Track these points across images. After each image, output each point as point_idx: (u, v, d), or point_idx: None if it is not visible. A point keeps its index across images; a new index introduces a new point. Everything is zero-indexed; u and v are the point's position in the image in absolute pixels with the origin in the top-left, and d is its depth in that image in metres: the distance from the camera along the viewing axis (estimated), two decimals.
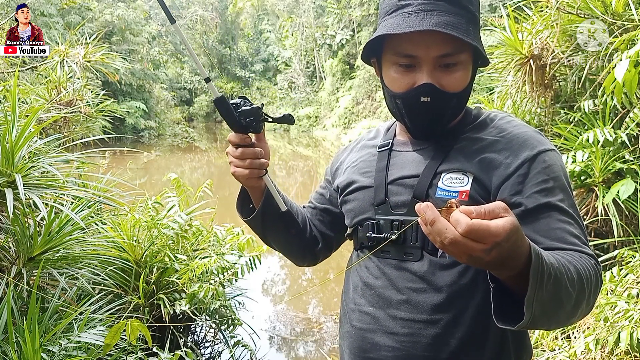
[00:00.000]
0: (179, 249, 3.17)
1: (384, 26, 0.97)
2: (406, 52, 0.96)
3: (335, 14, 29.08)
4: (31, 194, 1.92)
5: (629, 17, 2.91)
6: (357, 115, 25.52)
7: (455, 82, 0.97)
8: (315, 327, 4.42)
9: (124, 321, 1.88)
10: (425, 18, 0.91)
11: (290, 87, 33.41)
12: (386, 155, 1.11)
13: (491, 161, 0.96)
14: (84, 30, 13.59)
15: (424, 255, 0.99)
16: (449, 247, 0.68)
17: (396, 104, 1.02)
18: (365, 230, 1.07)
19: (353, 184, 1.13)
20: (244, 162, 1.06)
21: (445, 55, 0.94)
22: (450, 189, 0.97)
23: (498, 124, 1.03)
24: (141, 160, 15.72)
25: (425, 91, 0.96)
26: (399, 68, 0.98)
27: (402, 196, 1.03)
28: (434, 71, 0.95)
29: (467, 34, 0.92)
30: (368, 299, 1.05)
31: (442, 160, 1.01)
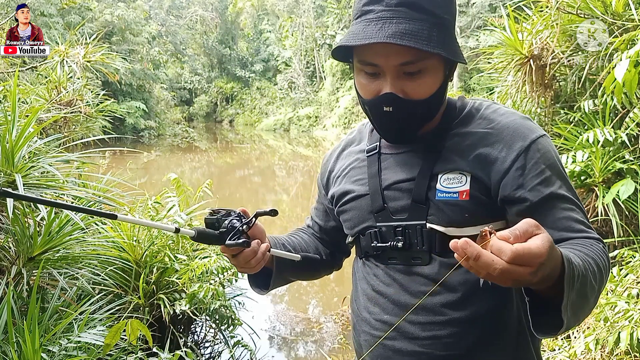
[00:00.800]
0: (179, 249, 3.17)
1: (349, 32, 0.96)
2: (369, 60, 0.95)
3: (335, 14, 29.08)
4: (31, 194, 1.92)
5: (629, 17, 2.91)
6: (357, 115, 25.52)
7: (420, 89, 0.94)
8: (315, 327, 4.42)
9: (124, 321, 1.88)
10: (383, 27, 0.89)
11: (290, 87, 33.41)
12: (376, 160, 1.08)
13: (486, 156, 0.95)
14: (84, 30, 13.60)
15: (433, 257, 0.98)
16: (498, 277, 0.68)
17: (365, 109, 1.02)
18: (368, 240, 1.06)
19: (348, 194, 1.11)
20: (248, 264, 1.03)
21: (406, 63, 0.92)
22: (450, 190, 0.96)
23: (485, 114, 1.01)
24: (141, 160, 15.72)
25: (387, 100, 0.94)
26: (365, 75, 0.98)
27: (401, 201, 1.01)
28: (397, 79, 0.93)
29: (428, 41, 0.89)
30: (382, 306, 1.04)
31: (435, 161, 0.99)
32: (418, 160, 1.01)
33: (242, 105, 37.35)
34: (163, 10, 34.58)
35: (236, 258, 1.02)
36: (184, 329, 3.33)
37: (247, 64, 38.23)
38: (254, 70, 37.70)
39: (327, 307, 5.01)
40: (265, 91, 36.53)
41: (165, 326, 2.94)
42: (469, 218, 0.95)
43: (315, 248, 1.26)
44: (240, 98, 37.43)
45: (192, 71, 37.59)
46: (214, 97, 38.21)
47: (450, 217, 0.95)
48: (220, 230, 0.99)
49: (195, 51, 37.72)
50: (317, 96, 31.18)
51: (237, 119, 36.76)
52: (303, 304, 5.25)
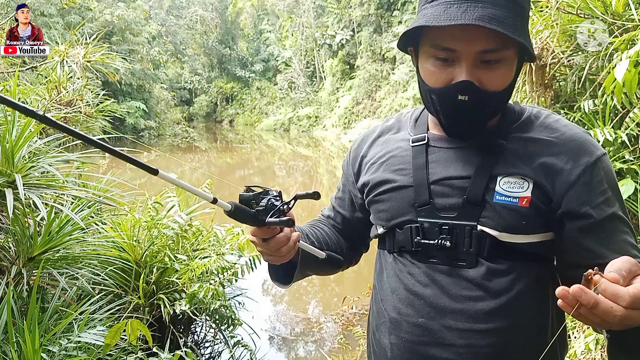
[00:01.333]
0: (179, 249, 3.17)
1: (422, 15, 0.89)
2: (445, 45, 0.88)
3: (335, 14, 29.08)
4: (31, 194, 1.92)
5: (629, 17, 2.91)
6: (357, 115, 25.51)
7: (496, 81, 0.90)
8: (315, 327, 4.42)
9: (124, 321, 1.88)
10: (468, 10, 0.83)
11: (290, 87, 33.40)
12: (423, 151, 1.01)
13: (551, 166, 0.90)
14: (84, 30, 13.58)
15: (480, 261, 0.93)
16: (615, 324, 0.65)
17: (431, 99, 0.94)
18: (406, 234, 0.99)
19: (387, 183, 1.03)
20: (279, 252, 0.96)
21: (488, 51, 0.87)
22: (510, 194, 0.91)
23: (547, 123, 0.96)
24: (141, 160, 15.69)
25: (463, 89, 0.88)
26: (436, 61, 0.91)
27: (451, 198, 0.95)
28: (474, 67, 0.88)
29: (513, 29, 0.84)
30: (417, 309, 0.97)
31: (495, 162, 0.93)
32: (474, 158, 0.95)
33: (242, 105, 37.35)
34: (163, 10, 34.57)
35: (267, 243, 0.95)
36: (184, 329, 3.33)
37: (247, 64, 38.24)
38: (254, 70, 37.71)
39: (327, 307, 5.01)
40: (265, 91, 36.53)
41: (165, 326, 2.94)
42: (525, 225, 0.91)
43: (336, 242, 1.19)
44: (240, 98, 37.43)
45: (192, 71, 37.58)
46: (214, 97, 38.20)
47: (507, 222, 0.91)
48: (257, 209, 0.91)
49: (195, 51, 37.71)
50: (317, 96, 31.18)
51: (237, 119, 36.75)
52: (303, 304, 5.25)
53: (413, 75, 22.56)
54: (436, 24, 0.85)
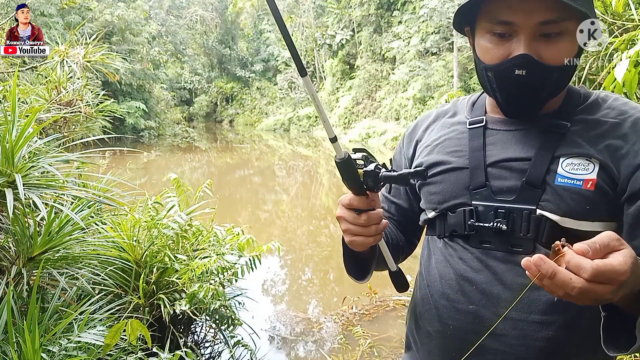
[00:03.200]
0: (179, 249, 3.17)
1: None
2: (503, 18, 0.84)
3: (335, 14, 29.08)
4: (31, 194, 1.92)
5: (629, 17, 2.91)
6: (357, 115, 25.52)
7: (557, 54, 0.84)
8: (315, 327, 4.42)
9: (124, 321, 1.88)
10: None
11: (290, 87, 33.40)
12: (480, 134, 0.96)
13: (617, 148, 0.85)
14: (84, 30, 13.60)
15: (537, 247, 0.87)
16: (576, 297, 0.63)
17: (487, 76, 0.90)
18: (459, 217, 0.94)
19: (441, 165, 0.98)
20: (368, 230, 0.88)
21: (547, 22, 0.82)
22: (573, 176, 0.85)
23: (614, 105, 0.91)
24: (141, 160, 15.72)
25: (520, 63, 0.83)
26: (493, 37, 0.87)
27: (508, 181, 0.90)
28: (533, 41, 0.83)
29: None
30: (468, 295, 0.92)
31: (558, 143, 0.88)
32: (535, 140, 0.90)
33: (242, 105, 37.36)
34: (163, 10, 34.57)
35: (366, 216, 0.87)
36: (184, 329, 3.33)
37: (247, 64, 38.24)
38: (254, 70, 37.71)
39: (327, 307, 5.01)
40: (265, 91, 36.54)
41: (165, 326, 2.94)
42: (589, 211, 0.85)
43: (397, 239, 1.12)
44: (240, 98, 37.44)
45: (192, 71, 37.59)
46: (214, 97, 38.21)
47: (569, 206, 0.85)
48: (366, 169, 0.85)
49: (195, 51, 37.72)
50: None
51: (237, 119, 36.76)
52: (303, 304, 5.25)
53: (413, 75, 22.56)
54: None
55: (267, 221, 9.71)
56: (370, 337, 4.03)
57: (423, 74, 21.92)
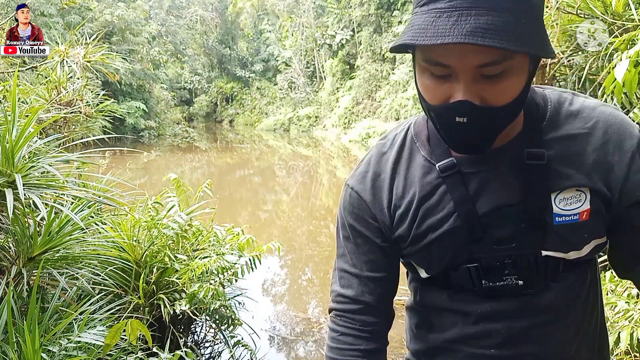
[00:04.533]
0: (179, 249, 3.17)
1: (411, 25, 0.77)
2: (438, 59, 0.76)
3: (335, 14, 29.09)
4: (31, 194, 1.92)
5: (629, 17, 2.91)
6: (357, 115, 25.53)
7: (502, 94, 0.76)
8: (315, 327, 4.42)
9: (124, 321, 1.88)
10: (459, 21, 0.70)
11: (290, 87, 33.41)
12: (459, 182, 0.87)
13: (600, 163, 0.82)
14: (84, 30, 13.60)
15: (548, 285, 0.87)
16: None
17: (430, 115, 0.84)
18: (464, 275, 0.88)
19: (434, 231, 0.88)
20: None
21: (486, 65, 0.73)
22: (569, 212, 0.83)
23: (574, 111, 0.86)
24: (141, 160, 15.73)
25: (460, 111, 0.76)
26: (431, 76, 0.78)
27: (506, 228, 0.85)
28: (473, 83, 0.75)
29: (515, 37, 0.70)
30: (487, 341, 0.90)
31: (543, 177, 0.83)
32: (516, 178, 0.85)
33: (242, 105, 37.37)
34: (163, 10, 34.58)
35: None
36: (184, 329, 3.33)
37: (247, 64, 38.25)
38: (254, 70, 37.72)
39: (327, 307, 5.01)
40: (265, 91, 36.55)
41: (165, 326, 2.95)
42: (588, 237, 0.85)
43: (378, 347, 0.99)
44: (240, 98, 37.45)
45: (192, 71, 37.61)
46: (214, 97, 38.23)
47: (572, 241, 0.84)
48: None
49: (195, 51, 37.73)
50: (317, 96, 31.19)
51: (237, 119, 36.77)
52: (303, 304, 5.25)
53: (413, 75, 22.56)
54: (420, 42, 0.72)
55: (267, 221, 9.71)
56: None
57: None
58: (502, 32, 0.70)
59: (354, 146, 21.89)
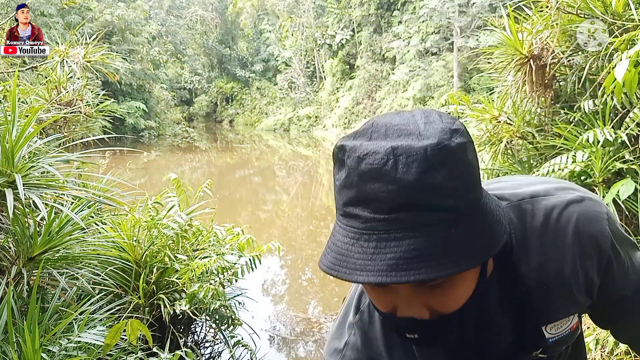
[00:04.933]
0: (179, 249, 3.17)
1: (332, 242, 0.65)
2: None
3: (335, 14, 29.10)
4: (31, 194, 1.92)
5: (629, 17, 2.91)
6: (357, 115, 25.54)
7: (451, 302, 0.68)
8: (315, 327, 4.42)
9: (124, 321, 1.88)
10: (378, 249, 0.59)
11: (290, 87, 33.42)
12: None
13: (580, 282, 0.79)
14: (84, 30, 13.60)
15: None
16: None
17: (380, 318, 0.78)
18: None
19: None
20: None
21: (424, 282, 0.63)
22: (561, 332, 0.84)
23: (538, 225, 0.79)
24: (141, 160, 15.72)
25: (409, 327, 0.69)
26: (372, 287, 0.70)
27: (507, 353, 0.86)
28: (416, 296, 0.66)
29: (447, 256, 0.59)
30: None
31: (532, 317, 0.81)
32: (506, 322, 0.82)
33: (242, 105, 37.38)
34: (163, 10, 34.59)
35: None
36: (184, 329, 3.33)
37: (247, 64, 38.25)
38: (254, 70, 37.73)
39: (327, 307, 5.01)
40: (265, 91, 36.55)
41: (165, 326, 2.95)
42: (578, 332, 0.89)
43: None
44: (240, 98, 37.46)
45: (192, 71, 37.61)
46: (214, 97, 38.24)
47: (562, 346, 0.88)
48: None
49: (195, 51, 37.74)
50: (317, 96, 31.20)
51: (237, 119, 36.78)
52: (303, 304, 5.25)
53: (413, 75, 22.57)
54: (340, 276, 0.61)
55: (267, 221, 9.71)
56: None
57: (423, 74, 21.92)
58: (425, 259, 0.58)
59: None
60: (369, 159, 0.59)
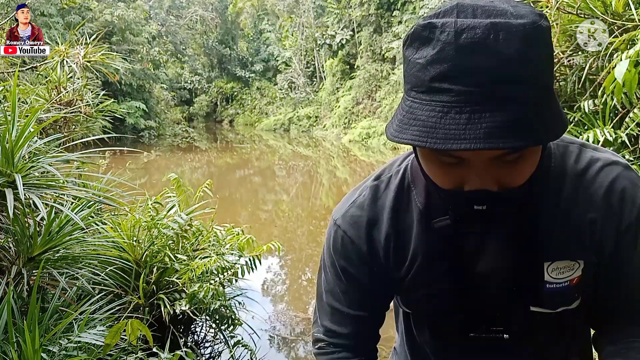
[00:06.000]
0: (179, 249, 3.17)
1: (412, 118, 0.66)
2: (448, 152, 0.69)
3: (335, 14, 29.08)
4: (31, 194, 1.92)
5: (629, 17, 2.91)
6: (357, 116, 25.53)
7: (519, 176, 0.71)
8: None
9: (124, 321, 1.88)
10: (472, 121, 0.61)
11: (290, 87, 33.41)
12: (453, 241, 0.85)
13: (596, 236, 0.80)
14: (84, 30, 13.59)
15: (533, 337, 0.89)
16: None
17: (440, 197, 0.78)
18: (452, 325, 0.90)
19: (426, 288, 0.89)
20: None
21: (504, 155, 0.68)
22: (560, 281, 0.83)
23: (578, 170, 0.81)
24: (141, 160, 15.72)
25: (478, 199, 0.71)
26: (440, 164, 0.72)
27: (497, 289, 0.86)
28: (489, 169, 0.69)
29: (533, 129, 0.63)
30: None
31: (537, 246, 0.82)
32: (513, 242, 0.83)
33: (242, 105, 37.37)
34: (163, 10, 34.58)
35: None
36: (184, 329, 3.33)
37: (247, 64, 38.25)
38: (254, 70, 37.72)
39: None
40: (265, 91, 36.55)
41: (165, 326, 2.95)
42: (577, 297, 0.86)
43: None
44: (240, 98, 37.46)
45: (192, 71, 37.60)
46: (214, 97, 38.23)
47: (560, 302, 0.85)
48: None
49: (195, 51, 37.74)
50: (317, 96, 31.20)
51: (237, 119, 36.78)
52: (303, 304, 5.25)
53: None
54: (431, 146, 0.63)
55: (267, 221, 9.71)
56: None
57: None
58: (519, 127, 0.62)
59: (354, 146, 21.90)
60: (469, 33, 0.61)
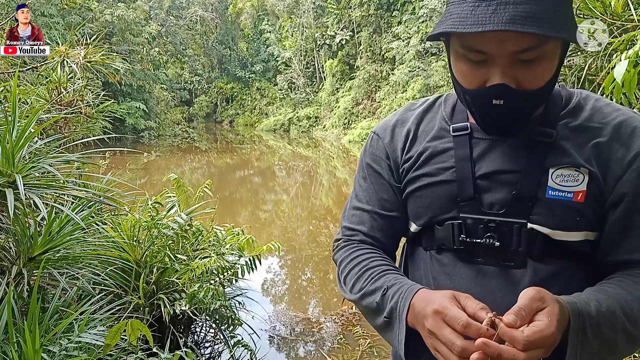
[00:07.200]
0: (179, 249, 3.17)
1: (448, 15, 0.81)
2: (475, 47, 0.80)
3: (335, 14, 29.09)
4: (31, 194, 1.92)
5: (629, 17, 2.92)
6: (357, 116, 25.53)
7: (536, 78, 0.81)
8: (315, 327, 4.43)
9: (124, 321, 1.88)
10: (498, 10, 0.74)
11: (290, 88, 33.42)
12: (466, 142, 0.92)
13: (602, 154, 0.84)
14: (84, 30, 13.61)
15: (528, 262, 0.86)
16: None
17: (465, 99, 0.88)
18: (447, 232, 0.92)
19: (427, 177, 0.94)
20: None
21: (524, 50, 0.78)
22: (564, 188, 0.84)
23: (596, 107, 0.89)
24: (141, 161, 15.72)
25: (497, 93, 0.81)
26: (467, 62, 0.83)
27: (498, 194, 0.88)
28: (510, 67, 0.80)
29: (552, 23, 0.75)
30: None
31: (546, 153, 0.86)
32: (523, 150, 0.88)
33: (242, 106, 37.39)
34: (163, 11, 34.58)
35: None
36: (184, 329, 3.33)
37: (247, 65, 38.26)
38: (254, 71, 37.73)
39: (327, 307, 5.01)
40: (265, 91, 36.56)
41: (165, 326, 2.95)
42: (579, 222, 0.85)
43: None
44: (240, 98, 37.47)
45: (192, 71, 37.62)
46: (214, 98, 38.25)
47: (561, 219, 0.84)
48: None
49: (195, 51, 37.74)
50: (317, 97, 31.20)
51: (237, 120, 36.79)
52: (303, 304, 5.25)
53: (413, 76, 22.57)
54: (462, 30, 0.76)
55: (267, 221, 9.71)
56: (370, 337, 4.03)
57: (423, 75, 21.93)
58: (540, 19, 0.74)
59: (353, 147, 21.89)
60: None
